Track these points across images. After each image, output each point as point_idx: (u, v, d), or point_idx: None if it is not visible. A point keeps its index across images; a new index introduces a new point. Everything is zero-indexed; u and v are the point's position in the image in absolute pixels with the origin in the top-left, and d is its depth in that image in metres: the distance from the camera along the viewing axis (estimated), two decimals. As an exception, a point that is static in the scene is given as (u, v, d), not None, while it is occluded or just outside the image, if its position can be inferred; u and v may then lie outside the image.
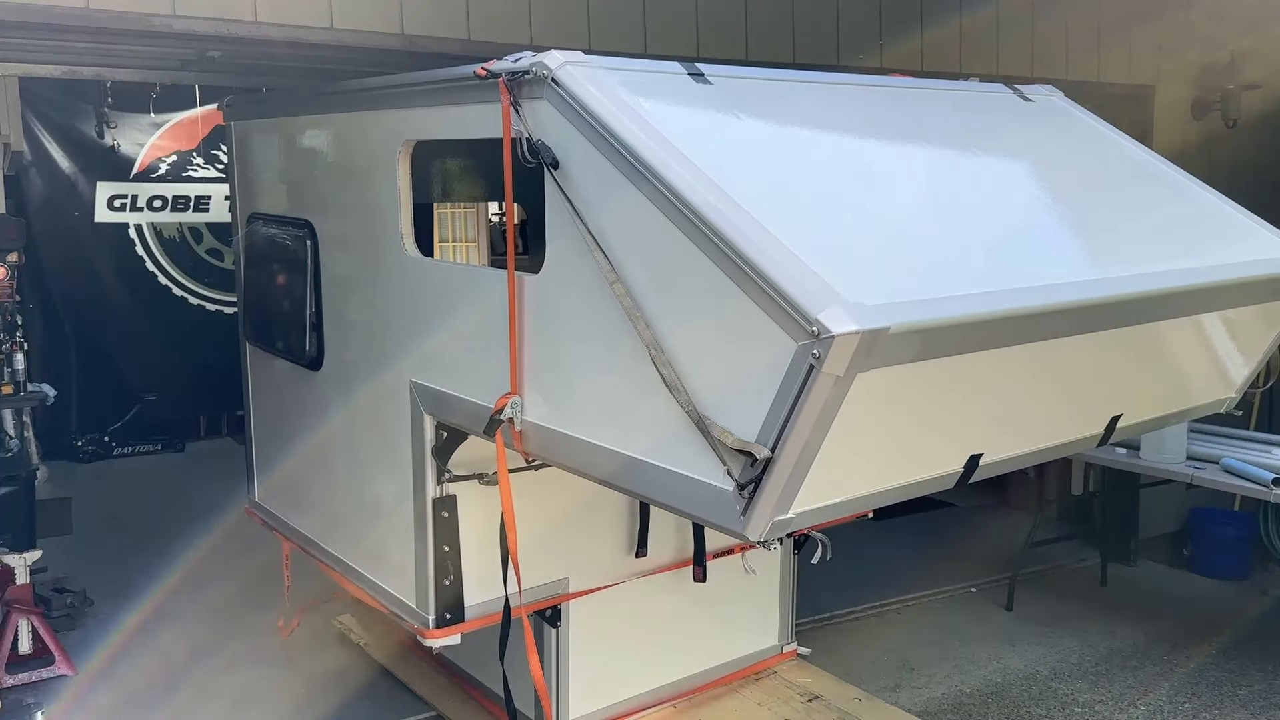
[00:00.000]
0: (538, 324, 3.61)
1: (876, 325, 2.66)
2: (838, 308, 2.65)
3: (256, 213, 5.82)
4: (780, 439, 2.75)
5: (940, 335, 2.94)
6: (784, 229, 2.91)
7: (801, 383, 2.68)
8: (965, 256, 3.43)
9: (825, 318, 2.61)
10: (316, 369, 5.19)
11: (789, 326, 2.70)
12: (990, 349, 3.18)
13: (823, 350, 2.61)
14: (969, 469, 3.56)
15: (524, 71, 3.44)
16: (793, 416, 2.72)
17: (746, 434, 2.83)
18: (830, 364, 2.63)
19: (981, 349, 3.15)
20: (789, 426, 2.73)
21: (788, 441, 2.75)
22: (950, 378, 3.17)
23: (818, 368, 2.63)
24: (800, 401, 2.69)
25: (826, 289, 2.72)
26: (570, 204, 3.31)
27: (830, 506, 3.17)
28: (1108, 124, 4.89)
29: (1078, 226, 3.91)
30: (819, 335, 2.61)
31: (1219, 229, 4.35)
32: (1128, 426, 4.22)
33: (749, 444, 2.81)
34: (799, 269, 2.77)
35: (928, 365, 2.98)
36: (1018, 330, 3.22)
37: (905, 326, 2.76)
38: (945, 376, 3.13)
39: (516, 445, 3.73)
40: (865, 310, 2.68)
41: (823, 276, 2.77)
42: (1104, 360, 3.80)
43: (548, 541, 4.62)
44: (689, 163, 3.06)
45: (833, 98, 4.16)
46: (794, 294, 2.69)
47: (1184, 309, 3.91)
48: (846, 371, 2.67)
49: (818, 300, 2.67)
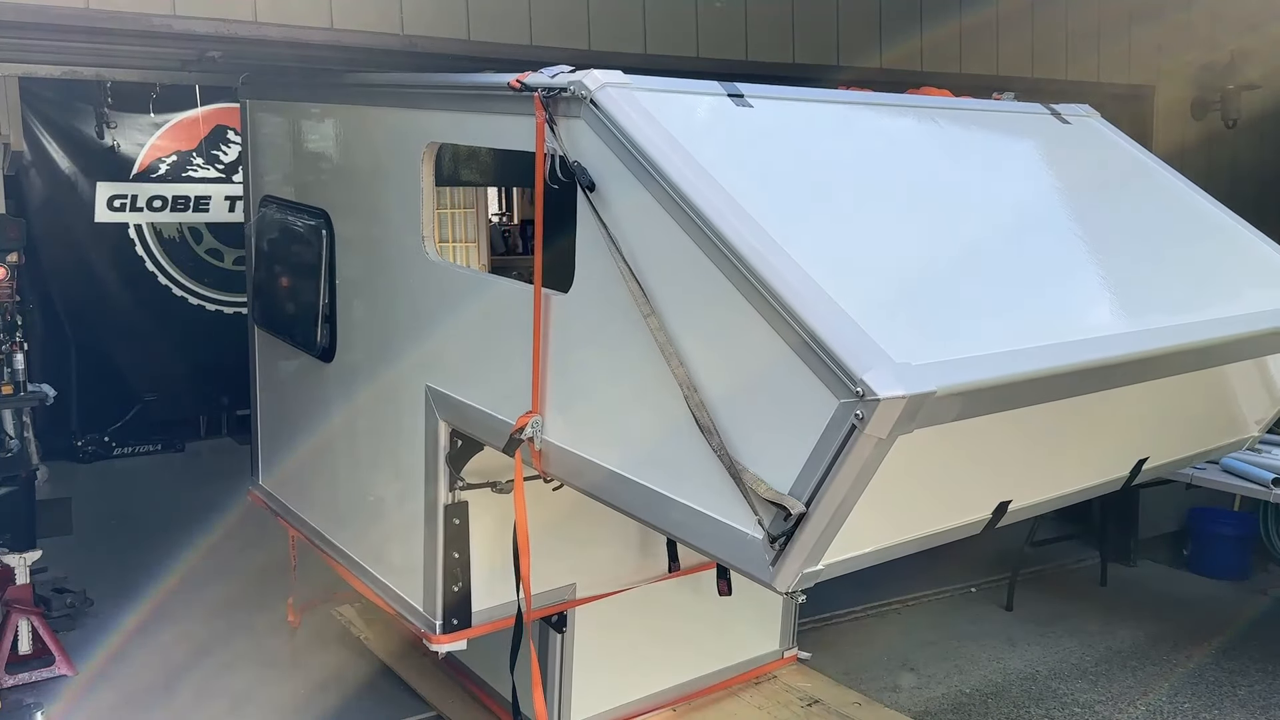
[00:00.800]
0: (563, 344, 3.53)
1: (923, 390, 2.58)
2: (884, 369, 2.56)
3: (270, 196, 5.75)
4: (816, 495, 2.68)
5: (984, 396, 2.87)
6: (828, 276, 2.82)
7: (842, 442, 2.60)
8: (1007, 305, 3.35)
9: (871, 379, 2.53)
10: (328, 361, 5.15)
11: (832, 384, 2.61)
12: (1030, 405, 3.11)
13: (866, 412, 2.53)
14: (996, 515, 3.52)
15: (561, 89, 3.35)
16: (830, 474, 2.64)
17: (780, 484, 2.76)
18: (874, 426, 2.55)
19: (1021, 405, 3.08)
20: (826, 484, 2.66)
21: (823, 498, 2.67)
22: (984, 431, 3.09)
23: (860, 429, 2.55)
24: (840, 460, 2.62)
25: (873, 347, 2.64)
26: (605, 229, 3.22)
27: (859, 557, 3.12)
28: (1143, 148, 4.84)
29: (1117, 271, 3.82)
30: (864, 396, 2.53)
31: (1257, 270, 4.29)
32: (1153, 468, 4.19)
33: (783, 497, 2.73)
34: (844, 324, 2.68)
35: (966, 421, 2.91)
36: (1059, 387, 3.15)
37: (951, 389, 2.68)
38: (979, 430, 3.05)
39: (536, 465, 3.67)
40: (911, 371, 2.60)
41: (869, 333, 2.68)
42: (1135, 408, 3.75)
43: (555, 548, 4.57)
44: (729, 198, 2.97)
45: (873, 122, 4.06)
46: (839, 351, 2.60)
47: (1220, 359, 3.85)
48: (889, 434, 2.59)
49: (863, 360, 2.58)
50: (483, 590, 4.40)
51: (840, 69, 6.51)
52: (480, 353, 4.06)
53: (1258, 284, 4.21)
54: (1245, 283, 4.21)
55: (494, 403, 3.86)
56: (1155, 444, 4.12)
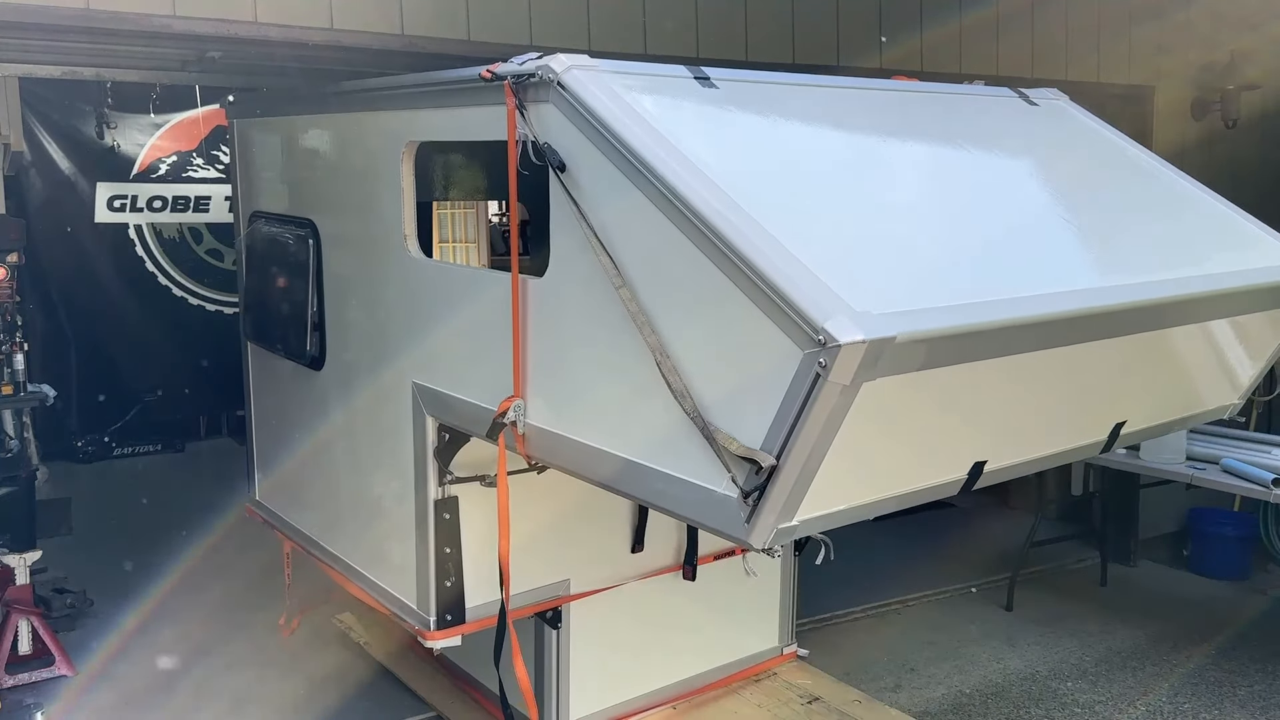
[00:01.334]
0: (541, 327, 3.60)
1: (883, 334, 2.65)
2: (844, 316, 2.63)
3: (259, 211, 5.81)
4: (785, 447, 2.74)
5: (946, 344, 2.94)
6: (790, 235, 2.90)
7: (807, 391, 2.67)
8: (971, 263, 3.42)
9: (832, 326, 2.61)
10: (318, 369, 5.19)
11: (795, 334, 2.69)
12: (996, 357, 3.17)
13: (829, 359, 2.60)
14: (973, 476, 3.55)
15: (529, 74, 3.42)
16: (798, 424, 2.71)
17: (751, 441, 2.82)
18: (837, 373, 2.62)
19: (987, 357, 3.14)
20: (794, 434, 2.72)
21: (793, 449, 2.74)
22: (954, 385, 3.16)
23: (824, 376, 2.62)
24: (806, 410, 2.69)
25: (833, 297, 2.71)
26: (576, 207, 3.30)
27: (834, 514, 3.16)
28: (1111, 127, 4.89)
29: (1083, 233, 3.90)
30: (825, 344, 2.60)
31: (1224, 235, 4.34)
32: (1131, 433, 4.21)
33: (754, 451, 2.80)
34: (805, 276, 2.76)
35: (932, 373, 2.97)
36: (1023, 339, 3.21)
37: (911, 335, 2.75)
38: (949, 384, 3.12)
39: (519, 448, 3.72)
40: (872, 319, 2.67)
41: (829, 284, 2.76)
42: (1108, 367, 3.79)
43: (549, 543, 4.62)
44: (694, 168, 3.05)
45: (837, 102, 4.15)
46: (800, 302, 2.68)
47: (1189, 316, 3.90)
48: (853, 381, 2.66)
49: (824, 309, 2.66)
50: (476, 586, 4.42)
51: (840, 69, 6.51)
52: (463, 345, 4.10)
53: (1227, 248, 4.25)
54: (1214, 247, 4.25)
55: (478, 392, 3.91)
56: (1133, 407, 4.15)
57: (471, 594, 4.43)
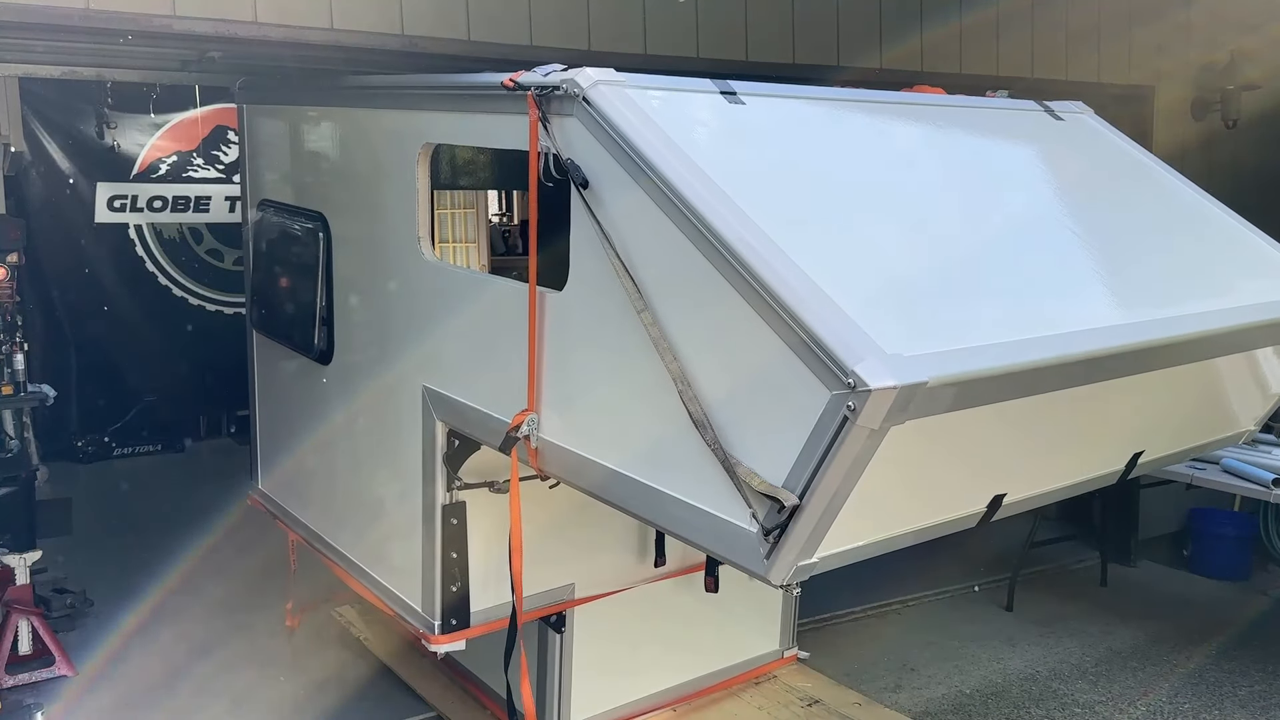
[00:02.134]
0: (558, 341, 3.54)
1: (914, 380, 2.59)
2: (875, 360, 2.57)
3: (267, 199, 5.76)
4: (809, 487, 2.69)
5: (976, 387, 2.87)
6: (819, 269, 2.83)
7: (834, 433, 2.61)
8: (1000, 297, 3.35)
9: (862, 370, 2.54)
10: (326, 363, 5.15)
11: (824, 375, 2.62)
12: (1023, 397, 3.11)
13: (858, 403, 2.54)
14: (992, 508, 3.51)
15: (554, 87, 3.35)
16: (823, 466, 2.65)
17: (773, 477, 2.77)
18: (865, 417, 2.55)
19: (1015, 397, 3.08)
20: (819, 476, 2.66)
21: (816, 490, 2.68)
22: (979, 422, 3.10)
23: (852, 420, 2.56)
24: (832, 452, 2.62)
25: (864, 338, 2.64)
26: (599, 226, 3.23)
27: (854, 549, 3.12)
28: (1134, 143, 4.85)
29: (1109, 264, 3.83)
30: (855, 388, 2.53)
31: (1251, 263, 4.30)
32: (1148, 462, 4.19)
33: (777, 489, 2.74)
34: (835, 315, 2.69)
35: (959, 412, 2.91)
36: (1053, 379, 3.15)
37: (943, 380, 2.69)
38: (974, 421, 3.06)
39: (532, 463, 3.67)
40: (903, 363, 2.61)
41: (860, 325, 2.69)
42: (1129, 400, 3.75)
43: (554, 548, 4.59)
44: (722, 193, 2.98)
45: (865, 119, 4.06)
46: (830, 342, 2.61)
47: (1217, 350, 3.86)
48: (881, 425, 2.60)
49: (855, 351, 2.58)
50: (481, 590, 4.41)
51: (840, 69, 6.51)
52: (476, 352, 4.06)
53: (1252, 277, 4.22)
54: (1239, 276, 4.21)
55: (490, 402, 3.87)
56: (1151, 438, 4.13)
57: (476, 598, 4.41)
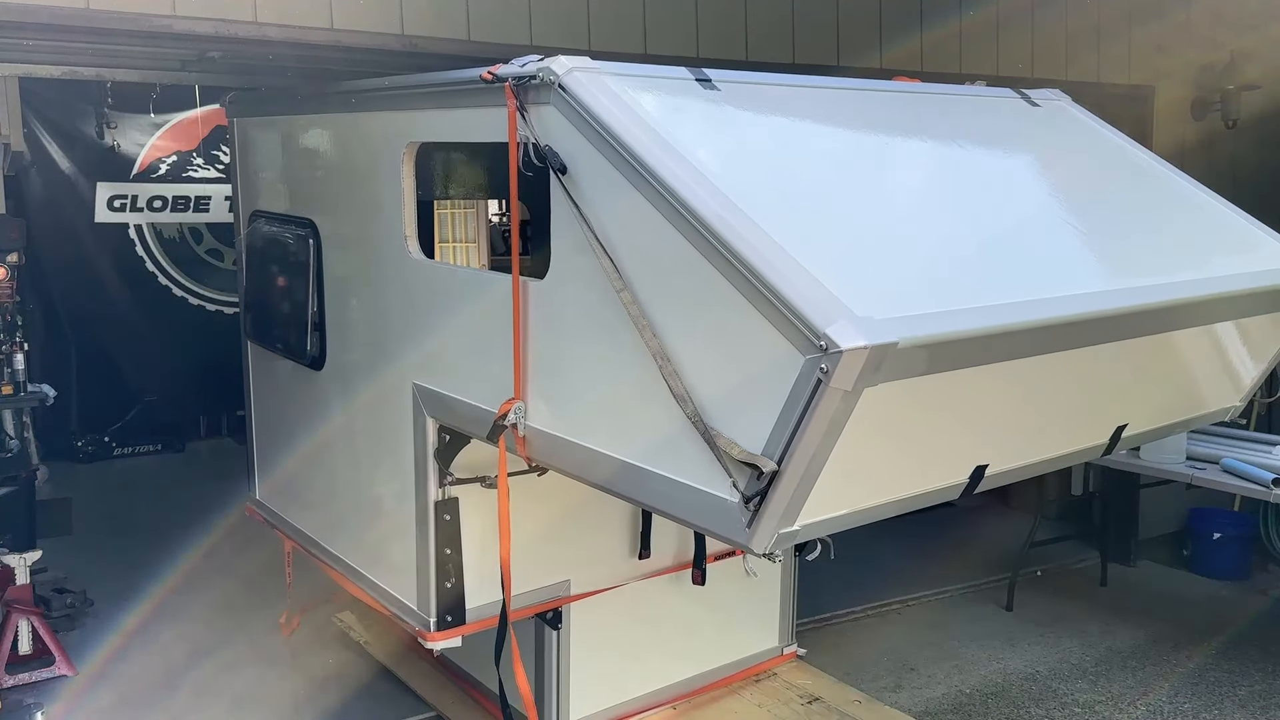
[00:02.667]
0: (542, 329, 3.59)
1: (885, 340, 2.63)
2: (846, 322, 2.62)
3: (259, 210, 5.80)
4: (786, 452, 2.73)
5: (949, 349, 2.92)
6: (792, 239, 2.88)
7: (809, 396, 2.66)
8: (974, 266, 3.40)
9: (833, 332, 2.59)
10: (318, 369, 5.18)
11: (796, 340, 2.67)
12: (999, 362, 3.15)
13: (831, 365, 2.59)
14: (974, 480, 3.54)
15: (530, 76, 3.42)
16: (799, 430, 2.70)
17: (752, 446, 2.81)
18: (838, 379, 2.60)
19: (990, 362, 3.13)
20: (796, 440, 2.71)
21: (794, 455, 2.73)
22: (956, 389, 3.15)
23: (825, 382, 2.61)
24: (807, 415, 2.67)
25: (834, 302, 2.70)
26: (577, 210, 3.29)
27: (836, 518, 3.15)
28: (1113, 128, 4.88)
29: (1086, 236, 3.89)
30: (827, 349, 2.59)
31: (1226, 237, 4.33)
32: (1132, 436, 4.21)
33: (755, 456, 2.79)
34: (807, 281, 2.75)
35: (934, 378, 2.96)
36: (1027, 343, 3.19)
37: (914, 341, 2.73)
38: (951, 388, 3.11)
39: (520, 450, 3.72)
40: (874, 324, 2.65)
41: (830, 289, 2.74)
42: (1110, 370, 3.78)
43: (549, 544, 4.61)
44: (695, 171, 3.04)
45: (838, 103, 4.14)
46: (801, 307, 2.66)
47: (1193, 319, 3.89)
48: (854, 386, 2.64)
49: (826, 314, 2.64)
50: (476, 587, 4.42)
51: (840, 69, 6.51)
52: (463, 346, 4.10)
53: (1227, 250, 4.24)
54: (1215, 249, 4.24)
55: (478, 394, 3.90)
56: (1134, 410, 4.15)
57: (472, 595, 4.43)
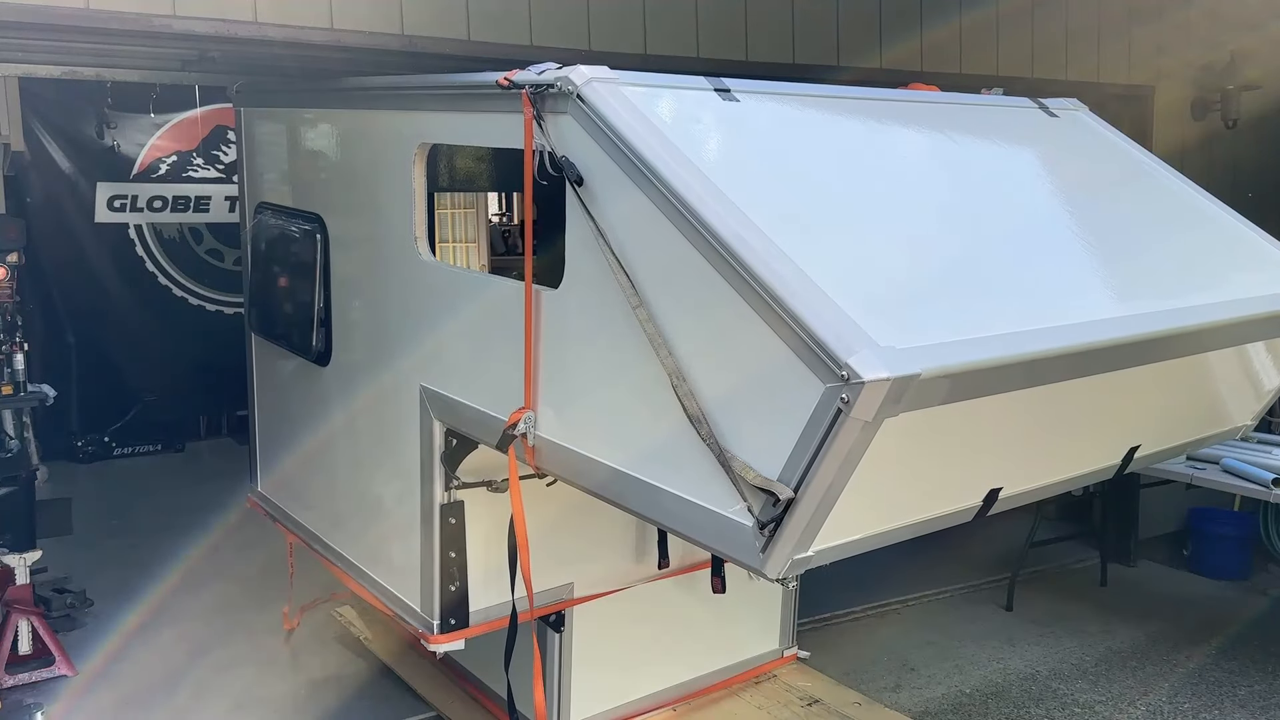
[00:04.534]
0: (554, 339, 3.55)
1: (908, 372, 2.59)
2: (868, 352, 2.58)
3: (265, 202, 5.77)
4: (804, 480, 2.70)
5: (971, 379, 2.88)
6: (812, 261, 2.84)
7: (828, 425, 2.62)
8: (994, 290, 3.36)
9: (855, 362, 2.55)
10: (324, 364, 5.15)
11: (817, 368, 2.63)
12: (1018, 389, 3.11)
13: (852, 395, 2.55)
14: (988, 502, 3.51)
15: (548, 85, 3.37)
16: (818, 459, 2.66)
17: (768, 471, 2.78)
18: (859, 409, 2.56)
19: (1010, 390, 3.08)
20: (814, 468, 2.67)
21: (811, 483, 2.69)
22: (973, 415, 3.10)
23: (846, 412, 2.57)
24: (826, 444, 2.64)
25: (856, 330, 2.65)
26: (594, 223, 3.24)
27: (850, 543, 3.12)
28: (1131, 140, 4.85)
29: (1105, 256, 3.84)
30: (849, 380, 2.54)
31: (1244, 257, 4.30)
32: (1145, 456, 4.18)
33: (772, 483, 2.75)
34: (828, 307, 2.70)
35: (954, 405, 2.92)
36: (1048, 371, 3.15)
37: (936, 372, 2.69)
38: (968, 414, 3.06)
39: (529, 460, 3.68)
40: (896, 355, 2.61)
41: (852, 316, 2.70)
42: (1125, 393, 3.75)
43: (553, 547, 4.58)
44: (715, 188, 2.99)
45: (859, 115, 4.07)
46: (823, 334, 2.62)
47: (1211, 344, 3.86)
48: (875, 417, 2.60)
49: (847, 344, 2.59)
50: (480, 590, 4.41)
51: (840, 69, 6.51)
52: (473, 351, 4.07)
53: (1248, 271, 4.22)
54: (1235, 270, 4.21)
55: (487, 400, 3.88)
56: (1147, 432, 4.13)
57: (475, 598, 4.41)
